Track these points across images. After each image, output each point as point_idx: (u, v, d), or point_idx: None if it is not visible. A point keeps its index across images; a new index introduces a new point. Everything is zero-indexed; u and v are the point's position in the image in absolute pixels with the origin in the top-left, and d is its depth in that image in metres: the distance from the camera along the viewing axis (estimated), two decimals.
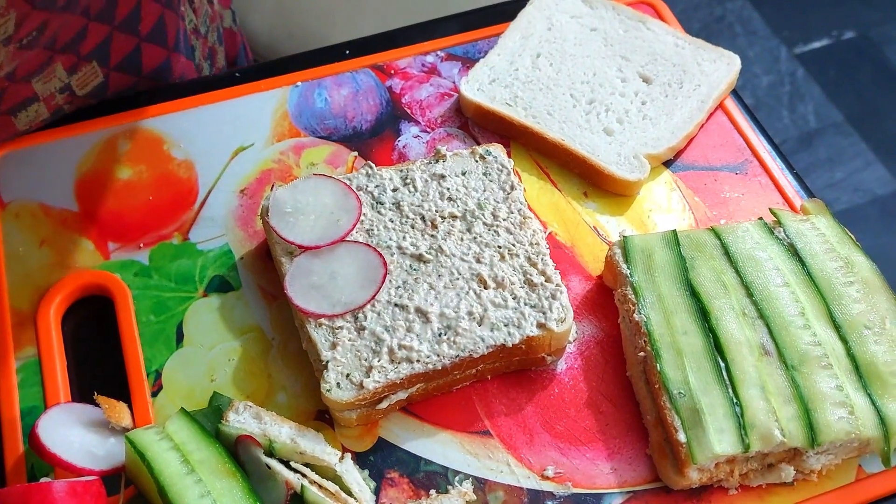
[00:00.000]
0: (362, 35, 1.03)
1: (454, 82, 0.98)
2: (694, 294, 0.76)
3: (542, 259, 0.78)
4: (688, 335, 0.74)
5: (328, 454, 0.69)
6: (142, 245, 0.84)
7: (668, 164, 0.92)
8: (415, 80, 0.97)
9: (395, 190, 0.82)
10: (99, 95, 0.92)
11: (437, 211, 0.80)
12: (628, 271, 0.78)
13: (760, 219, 0.83)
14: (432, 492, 0.71)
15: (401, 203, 0.81)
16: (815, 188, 0.91)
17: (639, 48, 0.98)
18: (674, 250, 0.79)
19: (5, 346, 0.77)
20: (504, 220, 0.80)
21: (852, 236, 0.81)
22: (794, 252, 0.79)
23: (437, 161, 0.84)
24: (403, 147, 0.92)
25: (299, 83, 0.96)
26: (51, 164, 0.89)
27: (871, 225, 2.21)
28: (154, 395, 0.75)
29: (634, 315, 0.76)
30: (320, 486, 0.66)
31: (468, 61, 0.99)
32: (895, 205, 2.27)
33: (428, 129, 0.94)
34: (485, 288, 0.76)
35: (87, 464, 0.68)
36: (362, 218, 0.79)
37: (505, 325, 0.74)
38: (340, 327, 0.73)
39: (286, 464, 0.67)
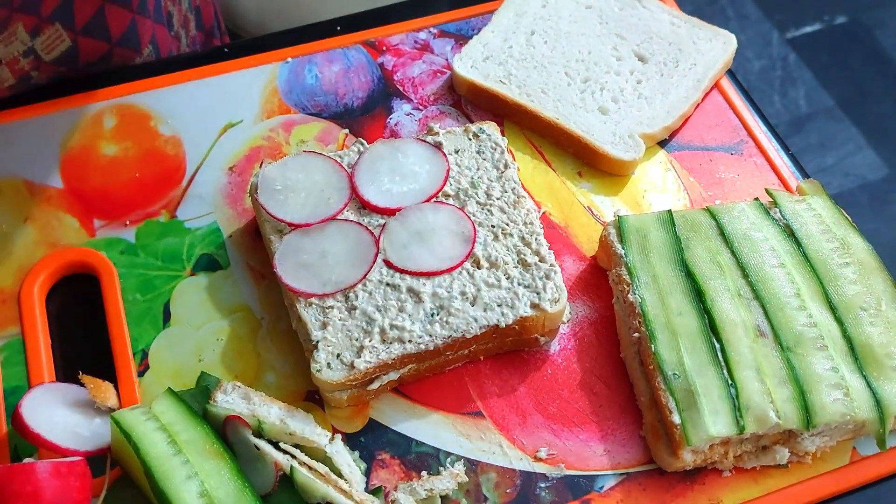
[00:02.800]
0: (354, 11, 1.01)
1: (447, 59, 0.96)
2: (689, 275, 0.75)
3: (535, 239, 0.76)
4: (682, 316, 0.73)
5: (318, 435, 0.68)
6: (128, 223, 0.82)
7: (663, 143, 0.91)
8: (407, 56, 0.96)
9: None
10: (69, 63, 0.89)
11: None
12: (623, 251, 0.77)
13: (756, 199, 0.82)
14: (424, 473, 0.70)
15: None
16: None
17: (634, 26, 0.96)
18: (669, 230, 0.78)
19: None
20: (498, 199, 0.79)
21: (848, 217, 0.80)
22: (790, 233, 0.79)
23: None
24: (395, 124, 0.91)
25: (289, 59, 0.95)
26: (35, 139, 0.87)
27: (862, 210, 2.21)
28: (140, 374, 0.74)
29: (629, 296, 0.75)
30: (310, 468, 0.66)
31: (461, 38, 0.98)
32: (885, 190, 2.27)
33: (420, 107, 0.92)
34: (478, 268, 0.75)
35: (71, 444, 0.66)
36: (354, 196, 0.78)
37: (498, 306, 0.73)
38: (331, 307, 0.72)
39: (275, 445, 0.66)
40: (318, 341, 0.70)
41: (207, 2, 1.12)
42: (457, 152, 0.82)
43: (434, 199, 0.78)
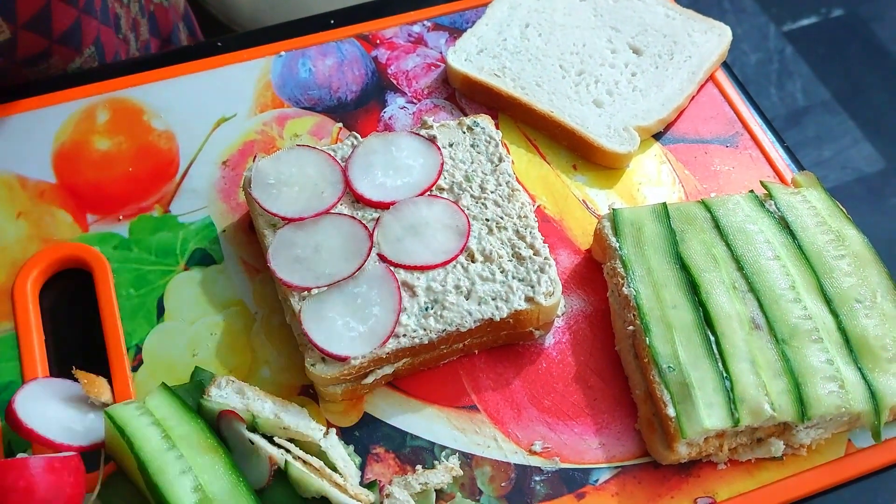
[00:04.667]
0: (347, 4, 1.01)
1: (441, 52, 0.96)
2: (684, 267, 0.75)
3: (530, 232, 0.76)
4: (677, 309, 0.73)
5: (312, 429, 0.67)
6: (121, 217, 0.82)
7: (658, 136, 0.91)
8: (401, 50, 0.96)
9: None
10: (7, 54, 0.87)
11: None
12: (617, 244, 0.77)
13: (751, 191, 0.82)
14: (418, 467, 0.70)
15: None
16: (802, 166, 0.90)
17: (629, 19, 0.96)
18: (664, 223, 0.78)
19: None
20: (492, 192, 0.79)
21: (844, 209, 0.80)
22: (785, 225, 0.79)
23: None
24: (389, 118, 0.90)
25: (283, 53, 0.94)
26: (28, 134, 0.86)
27: (859, 203, 2.21)
28: (134, 369, 0.73)
29: (623, 289, 0.75)
30: (304, 462, 0.65)
31: (455, 31, 0.98)
32: (882, 183, 2.27)
33: (414, 100, 0.92)
34: (472, 261, 0.75)
35: (65, 439, 0.66)
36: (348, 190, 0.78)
37: (492, 299, 0.72)
38: None
39: (270, 439, 0.66)
40: None
41: (165, 9, 1.11)
42: (451, 146, 0.81)
43: (428, 192, 0.78)
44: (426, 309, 0.72)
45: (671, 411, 0.68)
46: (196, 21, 1.22)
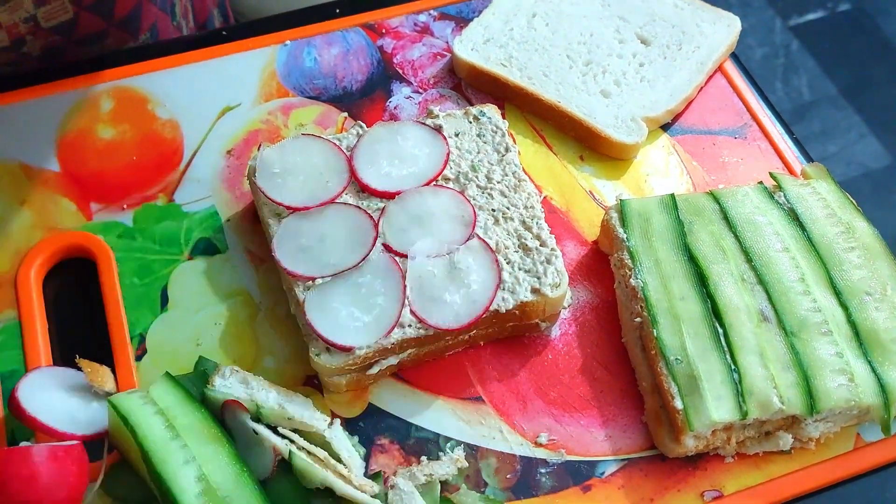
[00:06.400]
0: None
1: (447, 42, 0.95)
2: (692, 259, 0.74)
3: (536, 223, 0.76)
4: (685, 301, 0.72)
5: (317, 420, 0.67)
6: (125, 206, 0.81)
7: (665, 127, 0.90)
8: (407, 39, 0.95)
9: None
10: (65, 33, 0.88)
11: None
12: (625, 236, 0.76)
13: (760, 183, 0.81)
14: (423, 458, 0.69)
15: None
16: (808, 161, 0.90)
17: (637, 9, 0.95)
18: (672, 214, 0.77)
19: None
20: (498, 182, 0.78)
21: (854, 201, 0.80)
22: (794, 217, 0.78)
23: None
24: (395, 108, 0.90)
25: (288, 42, 0.94)
26: (32, 122, 0.86)
27: (864, 199, 2.19)
28: (138, 359, 0.73)
29: (631, 280, 0.74)
30: (308, 453, 0.65)
31: (461, 21, 0.97)
32: (888, 178, 2.26)
33: (420, 90, 0.91)
34: None
35: (68, 428, 0.66)
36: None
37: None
38: None
39: (274, 429, 0.66)
40: None
41: None
42: (457, 135, 0.81)
43: (434, 182, 0.77)
44: None
45: (678, 404, 0.67)
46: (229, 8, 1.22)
